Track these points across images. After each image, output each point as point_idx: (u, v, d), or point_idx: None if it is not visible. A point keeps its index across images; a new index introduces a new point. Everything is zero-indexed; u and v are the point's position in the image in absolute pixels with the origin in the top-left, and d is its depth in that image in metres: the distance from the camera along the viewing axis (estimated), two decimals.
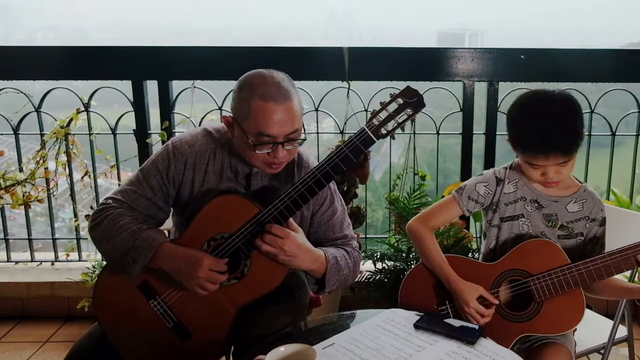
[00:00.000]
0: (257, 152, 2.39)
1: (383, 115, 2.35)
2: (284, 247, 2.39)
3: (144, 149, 4.37)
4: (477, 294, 2.58)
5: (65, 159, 4.47)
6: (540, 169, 2.54)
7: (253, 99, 2.34)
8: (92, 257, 4.58)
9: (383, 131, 2.36)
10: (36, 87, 4.72)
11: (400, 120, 2.35)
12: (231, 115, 2.47)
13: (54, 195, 4.58)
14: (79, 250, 4.74)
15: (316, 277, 2.60)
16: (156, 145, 4.37)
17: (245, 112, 2.36)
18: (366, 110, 4.32)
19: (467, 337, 2.25)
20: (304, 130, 2.51)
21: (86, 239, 4.51)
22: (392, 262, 4.04)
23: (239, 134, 2.43)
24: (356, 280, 4.07)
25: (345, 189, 3.99)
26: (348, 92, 4.30)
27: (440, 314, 2.69)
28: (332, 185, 2.64)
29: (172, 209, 2.72)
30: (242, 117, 2.38)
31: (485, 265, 2.68)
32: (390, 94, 2.38)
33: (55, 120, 4.41)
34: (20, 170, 4.47)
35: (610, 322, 2.97)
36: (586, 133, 2.86)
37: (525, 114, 2.56)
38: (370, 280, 4.06)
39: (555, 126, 2.46)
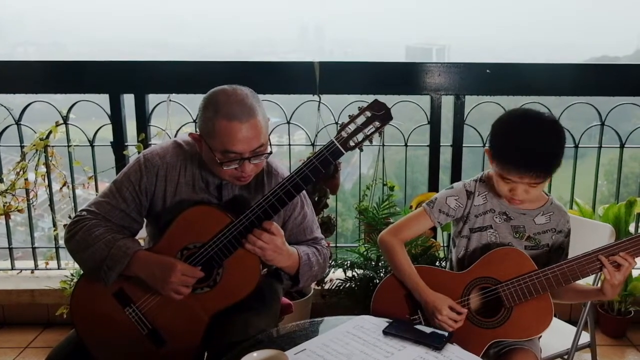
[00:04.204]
0: (225, 167, 2.44)
1: (352, 127, 2.37)
2: (277, 244, 2.45)
3: (121, 161, 4.40)
4: (448, 304, 2.62)
5: (45, 170, 4.49)
6: (510, 184, 2.58)
7: (217, 118, 2.36)
8: (71, 265, 4.60)
9: (351, 143, 2.38)
10: (16, 101, 4.71)
11: (368, 133, 2.37)
12: (198, 132, 2.51)
13: (33, 206, 4.60)
14: (58, 259, 4.75)
15: (290, 274, 2.67)
16: (133, 156, 4.37)
17: (210, 131, 2.40)
18: (336, 123, 4.29)
19: (434, 342, 2.31)
20: (270, 144, 2.54)
21: (65, 247, 4.54)
22: (362, 271, 4.07)
23: (206, 150, 2.47)
24: (327, 288, 4.17)
25: (316, 199, 4.03)
26: (319, 105, 4.31)
27: (408, 320, 2.74)
28: None
29: (145, 220, 2.75)
30: (208, 135, 2.41)
31: (455, 274, 2.74)
32: (359, 107, 2.41)
33: (35, 132, 4.43)
34: (1, 181, 4.49)
35: (573, 329, 3.04)
36: None
37: (514, 130, 2.57)
38: (341, 288, 4.09)
39: (539, 148, 2.49)
